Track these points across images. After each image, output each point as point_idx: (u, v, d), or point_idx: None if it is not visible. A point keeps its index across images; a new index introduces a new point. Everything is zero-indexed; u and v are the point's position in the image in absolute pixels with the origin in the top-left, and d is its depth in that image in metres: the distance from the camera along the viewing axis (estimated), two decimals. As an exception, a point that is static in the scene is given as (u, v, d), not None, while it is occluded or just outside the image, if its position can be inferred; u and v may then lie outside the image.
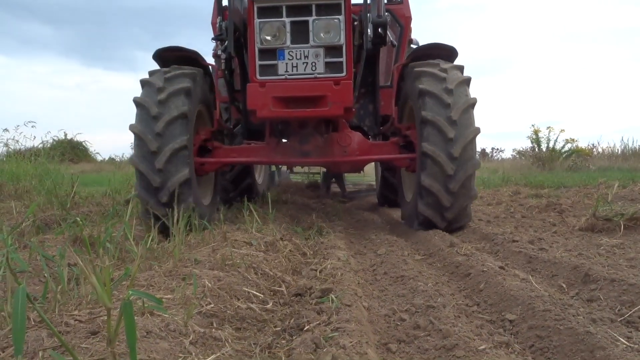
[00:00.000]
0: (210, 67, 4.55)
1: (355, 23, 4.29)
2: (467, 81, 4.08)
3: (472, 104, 3.96)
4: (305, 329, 1.79)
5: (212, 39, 4.92)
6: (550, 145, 14.19)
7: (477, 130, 3.94)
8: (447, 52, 4.42)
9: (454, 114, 3.83)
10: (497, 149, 24.15)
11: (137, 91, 4.06)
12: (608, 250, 3.03)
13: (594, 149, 15.61)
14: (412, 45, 5.41)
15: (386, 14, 4.28)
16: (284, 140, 4.72)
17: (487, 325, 1.92)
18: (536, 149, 14.51)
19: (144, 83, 4.02)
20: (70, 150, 15.32)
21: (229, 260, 2.56)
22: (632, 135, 27.84)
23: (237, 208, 4.77)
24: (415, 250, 3.56)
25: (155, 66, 4.37)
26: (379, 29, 4.29)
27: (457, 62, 4.47)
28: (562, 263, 2.56)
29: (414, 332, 1.83)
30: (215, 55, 4.78)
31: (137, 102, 3.91)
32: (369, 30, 4.21)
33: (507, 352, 1.64)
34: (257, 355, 1.56)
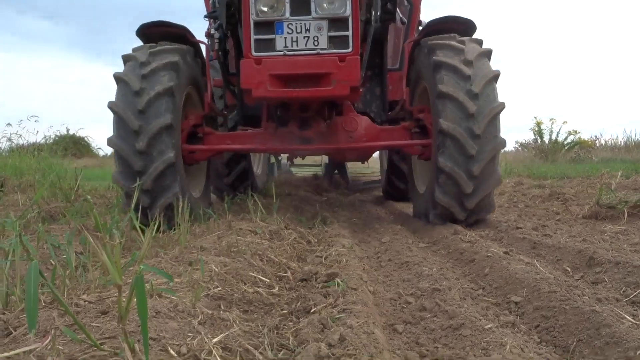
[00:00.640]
0: (200, 44, 4.24)
1: None
2: (488, 53, 3.74)
3: (495, 75, 3.62)
4: (312, 311, 1.81)
5: (205, 16, 4.59)
6: (553, 137, 14.21)
7: (502, 105, 3.59)
8: (464, 26, 4.04)
9: (475, 87, 3.49)
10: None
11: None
12: (612, 236, 3.04)
13: (597, 141, 15.60)
14: (419, 28, 5.08)
15: None
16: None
17: (492, 308, 1.93)
18: (539, 141, 14.50)
19: (126, 59, 3.71)
20: (73, 145, 15.35)
21: (235, 247, 2.58)
22: (635, 127, 27.73)
23: (240, 199, 4.78)
24: (419, 239, 3.57)
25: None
26: (388, 4, 4.02)
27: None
28: (566, 248, 2.57)
29: (420, 314, 1.84)
30: (209, 35, 4.42)
31: (117, 77, 3.60)
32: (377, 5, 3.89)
33: (513, 331, 1.65)
34: (265, 336, 1.57)
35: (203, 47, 4.31)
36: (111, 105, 3.55)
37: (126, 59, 3.72)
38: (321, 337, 1.50)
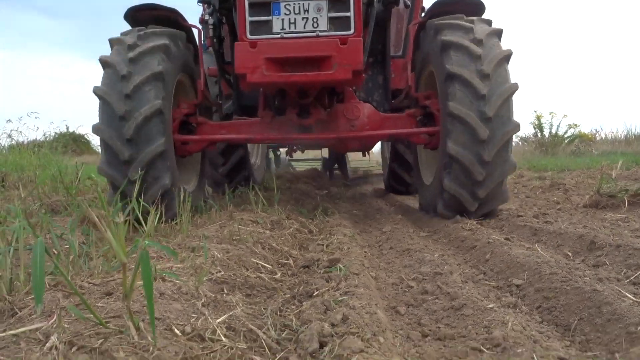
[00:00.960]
0: (192, 29, 4.00)
1: None
2: (499, 33, 3.48)
3: (507, 55, 3.37)
4: (314, 294, 1.82)
5: (198, 1, 4.37)
6: (553, 130, 14.19)
7: (515, 87, 3.33)
8: (472, 7, 3.76)
9: (485, 67, 3.26)
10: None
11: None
12: (612, 223, 3.04)
13: (597, 134, 15.60)
14: (422, 15, 4.59)
15: None
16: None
17: (494, 290, 1.94)
18: (539, 135, 14.50)
19: (113, 42, 3.46)
20: (73, 143, 15.32)
21: (237, 235, 2.59)
22: (635, 122, 27.73)
23: (241, 192, 4.79)
24: (420, 228, 3.58)
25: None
26: None
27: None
28: (567, 233, 2.57)
29: (422, 297, 1.86)
30: (203, 21, 4.18)
31: (97, 94, 3.33)
32: None
33: (515, 312, 1.66)
34: (269, 317, 1.58)
35: (196, 32, 4.09)
36: (95, 131, 3.35)
37: (104, 63, 3.39)
38: (324, 318, 1.51)
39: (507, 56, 3.41)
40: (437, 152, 3.73)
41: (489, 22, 3.57)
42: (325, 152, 9.35)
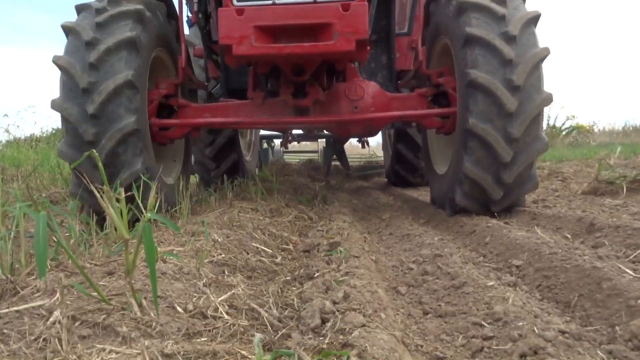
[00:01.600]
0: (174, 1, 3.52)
1: None
2: (535, 19, 2.92)
3: (542, 57, 2.83)
4: (315, 276, 1.82)
5: None
6: (551, 122, 14.21)
7: (549, 99, 2.84)
8: None
9: (516, 77, 2.76)
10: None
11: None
12: (611, 208, 3.05)
13: (595, 126, 15.64)
14: None
15: None
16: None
17: (494, 271, 1.95)
18: (536, 127, 14.50)
19: (80, 8, 3.00)
20: (70, 138, 15.30)
21: (236, 222, 2.59)
22: (633, 115, 27.82)
23: (239, 182, 4.78)
24: (419, 216, 3.59)
25: None
26: None
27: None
28: (566, 217, 2.58)
29: (422, 277, 1.86)
30: None
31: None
32: None
33: (515, 290, 1.67)
34: (270, 296, 1.58)
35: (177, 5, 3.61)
36: (54, 106, 2.86)
37: (68, 30, 2.90)
38: (325, 296, 1.51)
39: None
40: (453, 136, 3.29)
41: None
42: (323, 144, 9.29)
